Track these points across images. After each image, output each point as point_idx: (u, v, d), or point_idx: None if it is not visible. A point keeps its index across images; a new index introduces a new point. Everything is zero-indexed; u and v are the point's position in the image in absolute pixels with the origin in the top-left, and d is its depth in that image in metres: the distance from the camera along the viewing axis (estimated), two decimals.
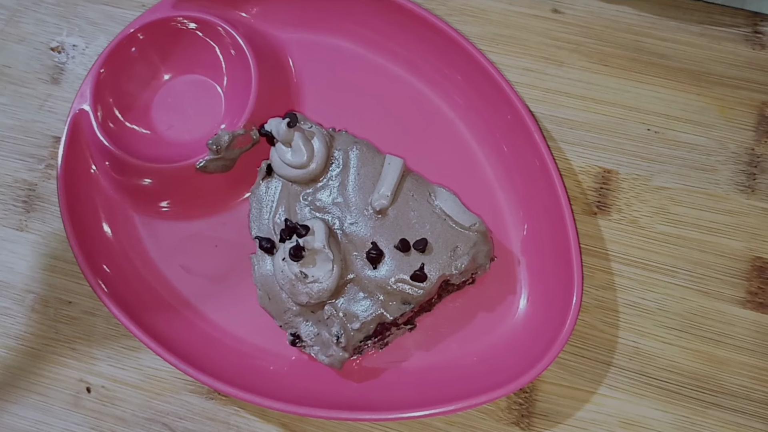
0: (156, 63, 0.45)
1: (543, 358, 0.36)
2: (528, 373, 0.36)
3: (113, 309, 0.39)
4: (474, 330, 0.40)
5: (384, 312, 0.37)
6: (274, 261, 0.38)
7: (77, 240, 0.41)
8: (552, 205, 0.39)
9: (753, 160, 0.42)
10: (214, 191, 0.43)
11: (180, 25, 0.44)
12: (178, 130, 0.44)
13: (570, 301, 0.37)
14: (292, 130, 0.39)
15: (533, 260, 0.40)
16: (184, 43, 0.44)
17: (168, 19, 0.44)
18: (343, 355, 0.37)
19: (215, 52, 0.44)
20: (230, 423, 0.40)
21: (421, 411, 0.36)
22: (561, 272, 0.38)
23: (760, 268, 0.40)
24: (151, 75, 0.45)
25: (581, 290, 0.37)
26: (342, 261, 0.37)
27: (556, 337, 0.36)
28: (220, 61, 0.45)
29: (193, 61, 0.45)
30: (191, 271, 0.42)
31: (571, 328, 0.36)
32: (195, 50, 0.45)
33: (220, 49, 0.44)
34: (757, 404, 0.38)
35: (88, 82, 0.43)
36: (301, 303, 0.37)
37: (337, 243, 0.38)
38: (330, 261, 0.37)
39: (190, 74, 0.45)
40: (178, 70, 0.45)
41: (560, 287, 0.38)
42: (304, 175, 0.39)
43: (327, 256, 0.37)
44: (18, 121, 0.47)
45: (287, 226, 0.38)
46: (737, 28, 0.44)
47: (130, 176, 0.42)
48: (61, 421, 0.40)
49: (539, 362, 0.36)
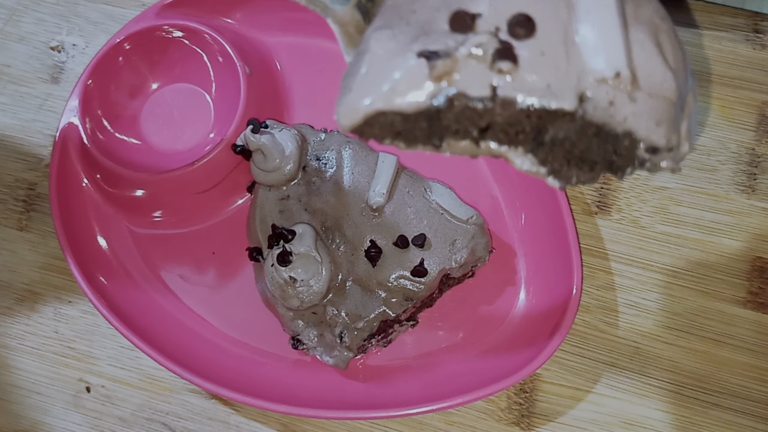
0: (144, 72, 0.45)
1: (545, 348, 0.36)
2: (532, 363, 0.36)
3: (113, 321, 0.39)
4: (476, 323, 0.40)
5: (386, 309, 0.37)
6: (265, 267, 0.38)
7: (73, 254, 0.41)
8: (547, 194, 0.39)
9: (753, 160, 0.42)
10: (207, 199, 0.43)
11: (166, 34, 0.43)
12: (169, 139, 0.44)
13: (570, 290, 0.37)
14: (260, 136, 0.39)
15: (532, 251, 0.41)
16: (171, 52, 0.44)
17: (154, 28, 0.43)
18: (347, 354, 0.37)
19: (202, 59, 0.44)
20: (230, 423, 0.40)
21: (425, 407, 0.36)
22: (560, 262, 0.38)
23: (760, 268, 0.40)
24: (139, 85, 0.45)
25: (581, 279, 0.37)
26: (332, 263, 0.38)
27: (558, 325, 0.37)
28: (207, 69, 0.44)
29: (181, 69, 0.45)
30: (190, 280, 0.42)
31: (572, 316, 0.36)
32: (182, 58, 0.44)
33: (207, 56, 0.44)
34: (758, 404, 0.38)
35: (76, 95, 0.43)
36: (293, 307, 0.37)
37: (326, 245, 0.38)
38: (318, 264, 0.37)
39: (179, 83, 0.45)
40: (166, 78, 0.45)
41: (560, 277, 0.38)
42: (282, 177, 0.40)
43: (315, 260, 0.37)
44: (18, 120, 0.47)
45: (274, 232, 0.38)
46: (737, 28, 0.44)
47: (122, 187, 0.42)
48: (60, 421, 0.40)
49: (542, 352, 0.36)
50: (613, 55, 0.24)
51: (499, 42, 0.24)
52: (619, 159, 0.25)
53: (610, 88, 0.24)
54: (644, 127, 0.24)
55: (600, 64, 0.24)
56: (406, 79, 0.24)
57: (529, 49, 0.24)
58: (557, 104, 0.24)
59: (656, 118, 0.24)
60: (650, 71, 0.25)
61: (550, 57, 0.24)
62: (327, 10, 0.28)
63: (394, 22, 0.26)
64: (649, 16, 0.26)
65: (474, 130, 0.25)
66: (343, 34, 0.28)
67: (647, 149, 0.25)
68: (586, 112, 0.24)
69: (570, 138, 0.25)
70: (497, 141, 0.25)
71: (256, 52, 0.45)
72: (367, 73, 0.25)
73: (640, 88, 0.24)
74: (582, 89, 0.24)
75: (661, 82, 0.25)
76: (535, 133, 0.25)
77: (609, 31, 0.25)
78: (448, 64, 0.24)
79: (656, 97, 0.25)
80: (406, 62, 0.24)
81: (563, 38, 0.25)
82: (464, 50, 0.24)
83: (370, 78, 0.25)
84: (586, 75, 0.24)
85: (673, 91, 0.25)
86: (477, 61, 0.24)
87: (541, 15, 0.25)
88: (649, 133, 0.24)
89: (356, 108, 0.25)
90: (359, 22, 0.28)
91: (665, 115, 0.25)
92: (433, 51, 0.24)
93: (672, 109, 0.25)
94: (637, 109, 0.24)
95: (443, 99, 0.24)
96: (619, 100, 0.24)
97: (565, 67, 0.24)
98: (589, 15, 0.25)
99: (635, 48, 0.25)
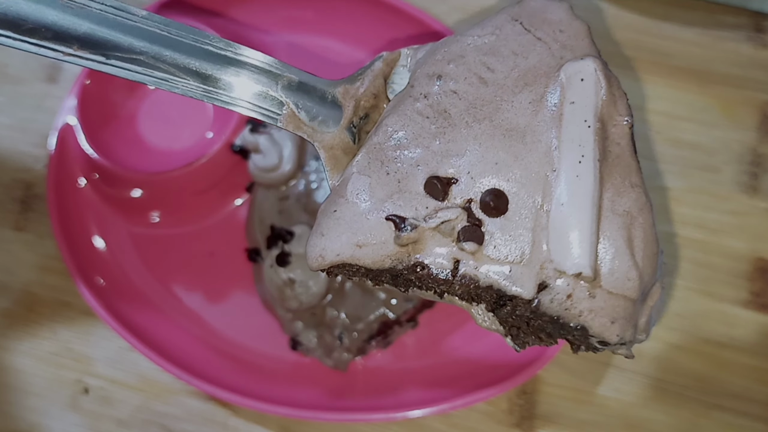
0: None
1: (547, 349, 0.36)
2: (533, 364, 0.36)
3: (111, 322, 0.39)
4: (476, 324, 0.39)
5: (386, 311, 0.37)
6: (264, 268, 0.38)
7: (70, 255, 0.40)
8: None
9: (756, 160, 0.42)
10: (205, 199, 0.42)
11: None
12: (167, 139, 0.44)
13: None
14: (258, 136, 0.39)
15: None
16: None
17: None
18: (347, 356, 0.37)
19: None
20: (228, 424, 0.39)
21: (425, 409, 0.36)
22: None
23: (762, 269, 0.40)
24: (137, 84, 0.45)
25: None
26: None
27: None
28: None
29: None
30: (188, 281, 0.42)
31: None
32: None
33: None
34: (760, 406, 0.38)
35: (74, 94, 0.42)
36: (292, 308, 0.37)
37: None
38: None
39: None
40: None
41: None
42: (281, 177, 0.39)
43: None
44: (15, 120, 0.46)
45: (273, 232, 0.38)
46: (740, 28, 0.44)
47: (120, 188, 0.42)
48: (59, 422, 0.40)
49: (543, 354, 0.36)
50: (578, 255, 0.24)
51: (468, 219, 0.25)
52: (573, 340, 0.26)
53: (571, 282, 0.25)
54: (598, 324, 0.25)
55: (564, 262, 0.24)
56: (373, 240, 0.25)
57: (498, 228, 0.25)
58: (516, 291, 0.25)
59: (612, 316, 0.25)
60: (614, 268, 0.25)
61: (516, 241, 0.25)
62: (315, 135, 0.27)
63: (375, 169, 0.26)
64: (627, 208, 0.25)
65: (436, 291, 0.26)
66: (329, 159, 0.28)
67: (599, 342, 0.25)
68: (542, 303, 0.25)
69: (526, 316, 0.25)
70: (460, 297, 0.26)
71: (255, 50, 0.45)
72: (339, 221, 0.26)
73: (600, 285, 0.25)
74: (543, 278, 0.25)
75: (623, 281, 0.25)
76: (494, 302, 0.26)
77: (578, 227, 0.25)
78: (414, 235, 0.25)
79: (616, 296, 0.25)
80: (376, 223, 0.25)
81: (533, 223, 0.25)
82: (432, 223, 0.25)
83: (341, 227, 0.26)
84: (548, 264, 0.25)
85: (635, 290, 0.25)
86: (443, 236, 0.25)
87: (515, 194, 0.25)
88: (602, 330, 0.25)
89: (324, 256, 0.26)
90: (348, 144, 0.28)
91: (622, 312, 0.25)
92: (402, 218, 0.25)
93: (631, 307, 0.25)
94: (594, 305, 0.25)
95: (406, 265, 0.25)
96: (578, 294, 0.25)
97: (530, 254, 0.25)
98: (562, 206, 0.25)
99: (604, 242, 0.25)
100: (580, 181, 0.25)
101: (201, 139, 0.43)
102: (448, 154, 0.26)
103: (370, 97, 0.28)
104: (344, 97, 0.28)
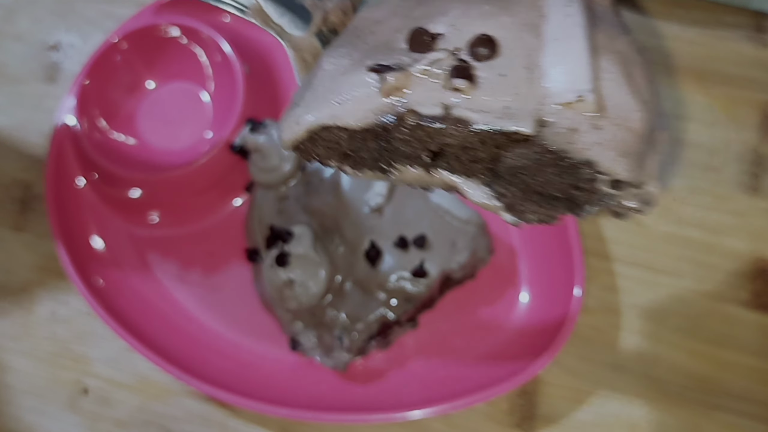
0: (141, 71, 0.44)
1: (547, 350, 0.36)
2: (533, 365, 0.36)
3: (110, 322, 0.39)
4: (476, 325, 0.40)
5: (386, 311, 0.37)
6: (263, 269, 0.38)
7: (69, 255, 0.40)
8: None
9: (756, 160, 0.42)
10: (205, 199, 0.42)
11: (163, 33, 0.43)
12: (166, 139, 0.44)
13: (572, 292, 0.37)
14: (258, 136, 0.39)
15: (533, 253, 0.40)
16: (169, 51, 0.44)
17: (151, 27, 0.43)
18: (347, 356, 0.37)
19: (201, 57, 0.44)
20: (228, 425, 0.39)
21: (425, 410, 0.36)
22: (562, 263, 0.38)
23: (763, 269, 0.40)
24: (136, 84, 0.45)
25: (583, 281, 0.37)
26: (330, 264, 0.37)
27: (560, 327, 0.36)
28: (205, 68, 0.44)
29: (179, 68, 0.44)
30: (187, 281, 0.42)
31: (574, 318, 0.36)
32: (180, 57, 0.44)
33: (205, 54, 0.44)
34: (761, 406, 0.38)
35: (73, 94, 0.42)
36: (292, 309, 0.37)
37: (325, 246, 0.38)
38: (316, 265, 0.37)
39: (177, 81, 0.45)
40: (164, 77, 0.45)
41: (561, 278, 0.38)
42: (280, 177, 0.39)
43: (313, 261, 0.37)
44: (14, 120, 0.46)
45: (272, 232, 0.38)
46: (740, 28, 0.44)
47: (119, 188, 0.42)
48: (58, 423, 0.40)
49: (543, 354, 0.36)
50: (576, 77, 0.23)
51: (457, 60, 0.23)
52: (580, 193, 0.23)
53: (572, 114, 0.23)
54: (607, 157, 0.23)
55: (562, 87, 0.23)
56: (354, 93, 0.23)
57: (489, 70, 0.23)
58: (514, 127, 0.22)
59: (621, 150, 0.23)
60: (618, 100, 0.23)
61: (510, 79, 0.23)
62: (284, 34, 0.27)
63: (351, 42, 0.25)
64: (622, 48, 0.24)
65: (425, 155, 0.23)
66: (298, 60, 0.27)
67: (610, 183, 0.23)
68: (545, 137, 0.22)
69: (527, 168, 0.23)
70: (450, 170, 0.24)
71: (254, 51, 0.45)
72: (316, 88, 0.23)
73: (606, 116, 0.23)
74: (542, 114, 0.23)
75: (629, 112, 0.23)
76: (490, 163, 0.23)
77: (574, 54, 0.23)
78: (401, 78, 0.23)
79: (623, 128, 0.23)
80: (357, 77, 0.23)
81: (526, 62, 0.23)
82: (419, 66, 0.23)
83: (318, 93, 0.23)
84: (547, 99, 0.23)
85: (641, 122, 0.23)
86: (431, 78, 0.23)
87: (504, 38, 0.24)
88: (612, 164, 0.23)
89: (299, 121, 0.23)
90: (317, 49, 0.27)
91: (630, 147, 0.23)
92: (386, 65, 0.23)
93: (639, 142, 0.23)
94: (601, 138, 0.22)
95: (392, 116, 0.23)
96: (583, 127, 0.23)
97: (526, 90, 0.23)
98: (555, 41, 0.23)
99: (604, 75, 0.23)
100: (570, 18, 0.23)
101: (200, 139, 0.43)
102: (431, 15, 0.24)
103: (339, 13, 0.27)
104: (313, 7, 0.27)
